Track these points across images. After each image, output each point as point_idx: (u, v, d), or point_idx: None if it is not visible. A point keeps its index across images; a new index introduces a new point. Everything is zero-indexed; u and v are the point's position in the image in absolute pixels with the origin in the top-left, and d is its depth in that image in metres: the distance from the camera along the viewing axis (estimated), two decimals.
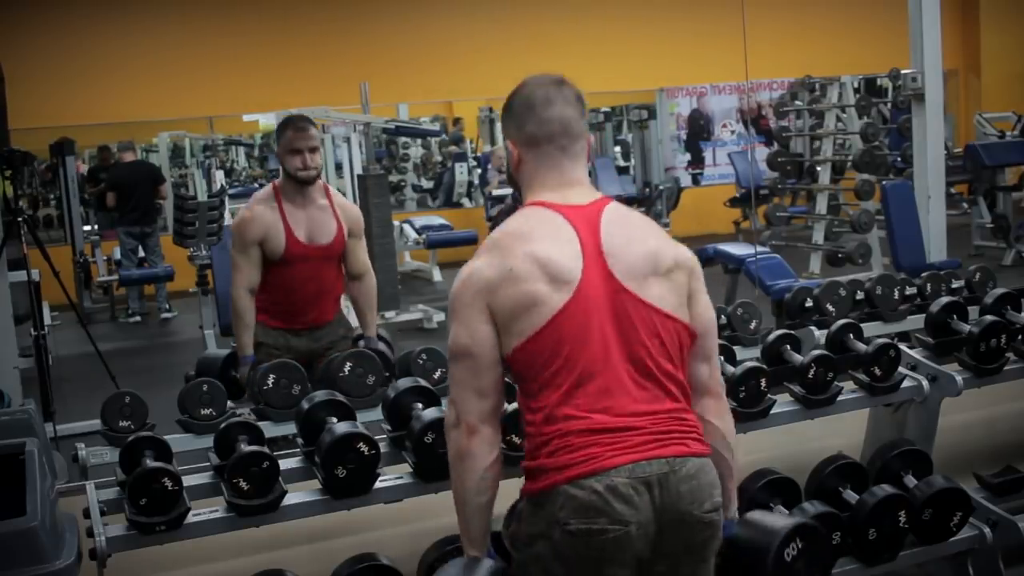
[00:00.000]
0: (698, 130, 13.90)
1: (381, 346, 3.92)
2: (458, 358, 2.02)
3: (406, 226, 10.90)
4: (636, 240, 2.06)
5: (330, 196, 3.99)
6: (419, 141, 14.02)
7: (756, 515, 2.26)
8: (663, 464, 1.93)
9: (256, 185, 12.42)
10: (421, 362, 3.57)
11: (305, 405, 2.77)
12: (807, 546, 2.14)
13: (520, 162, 2.14)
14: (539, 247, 2.00)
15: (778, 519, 2.21)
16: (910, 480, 3.08)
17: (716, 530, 2.00)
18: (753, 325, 4.08)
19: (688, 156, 13.92)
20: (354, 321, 4.19)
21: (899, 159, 9.23)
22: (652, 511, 1.91)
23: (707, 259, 7.16)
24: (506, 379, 2.05)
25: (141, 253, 9.79)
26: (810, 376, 3.07)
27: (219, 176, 12.75)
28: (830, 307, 4.21)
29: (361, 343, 3.97)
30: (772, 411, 3.04)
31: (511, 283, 1.97)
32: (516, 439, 2.52)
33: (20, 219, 5.36)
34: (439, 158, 14.57)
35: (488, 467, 2.00)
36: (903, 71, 7.03)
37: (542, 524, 1.94)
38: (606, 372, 1.96)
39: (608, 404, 1.95)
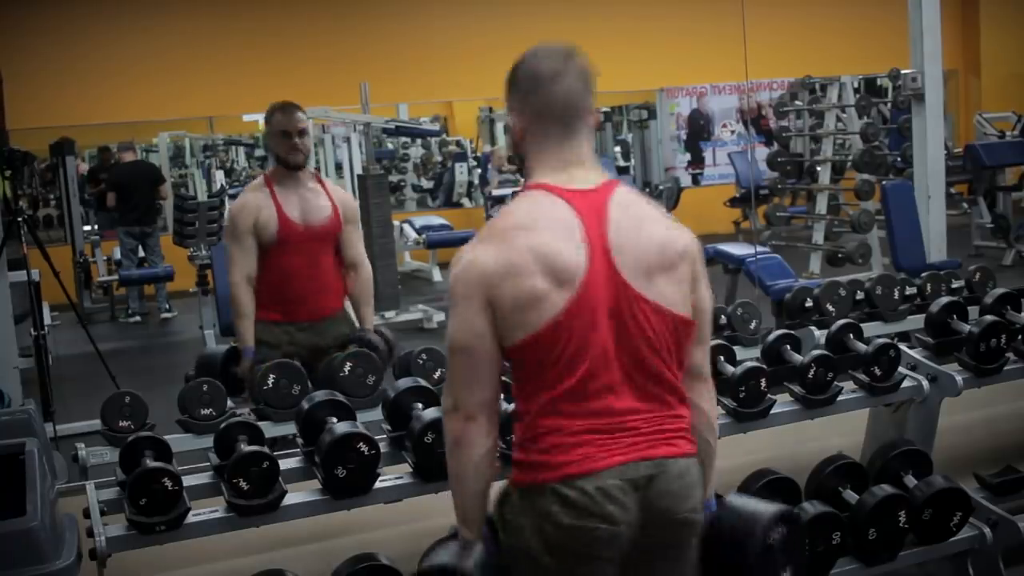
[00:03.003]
0: (698, 130, 13.90)
1: (376, 338, 3.86)
2: (456, 352, 1.99)
3: (406, 226, 10.89)
4: (644, 231, 2.00)
5: (322, 182, 4.01)
6: (419, 141, 14.03)
7: (738, 500, 2.26)
8: (651, 466, 1.95)
9: None
10: (421, 362, 3.58)
11: (305, 405, 2.77)
12: (789, 533, 2.14)
13: (523, 136, 2.06)
14: (542, 239, 1.94)
15: (760, 504, 2.20)
16: (910, 480, 3.08)
17: (695, 528, 2.04)
18: (753, 325, 4.08)
19: (688, 156, 13.91)
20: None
21: (899, 159, 9.23)
22: (642, 512, 1.94)
23: (707, 259, 7.14)
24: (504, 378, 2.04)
25: (141, 253, 9.79)
26: (810, 376, 3.07)
27: (219, 176, 12.78)
28: (830, 307, 4.21)
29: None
30: (772, 411, 3.04)
31: (512, 278, 1.92)
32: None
33: (20, 219, 5.36)
34: (439, 158, 14.59)
35: (484, 455, 1.99)
36: (903, 71, 7.03)
37: (533, 516, 1.95)
38: (604, 372, 1.95)
39: (604, 405, 1.95)
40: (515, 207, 2.04)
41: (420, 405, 2.75)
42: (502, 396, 2.06)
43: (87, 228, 10.96)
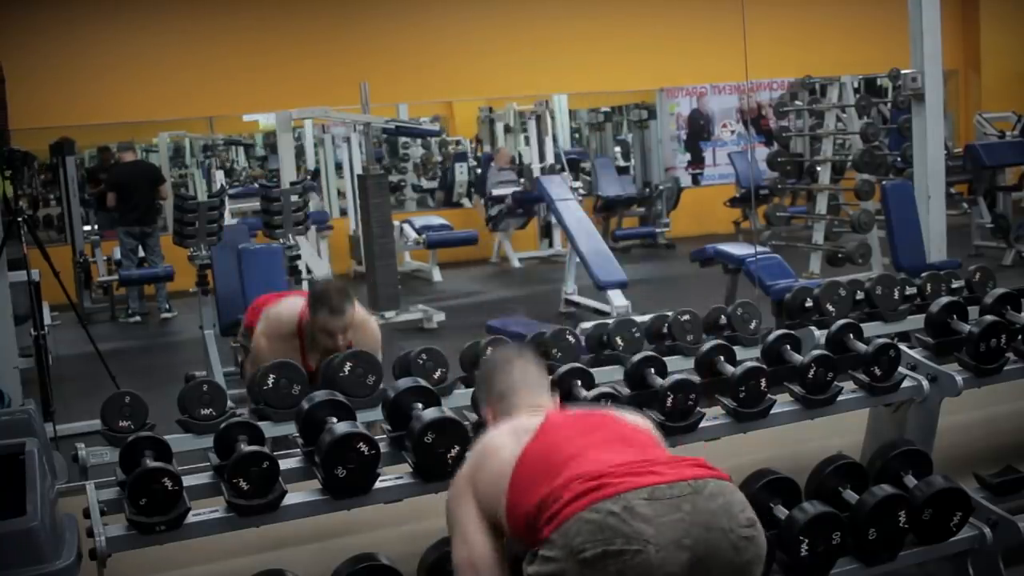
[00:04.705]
0: (698, 130, 13.89)
1: None
2: (462, 572, 2.12)
3: (406, 226, 10.89)
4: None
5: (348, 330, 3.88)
6: (419, 141, 14.02)
7: None
8: (685, 486, 1.87)
9: (256, 185, 12.40)
10: (421, 362, 3.57)
11: (305, 405, 2.77)
12: None
13: (494, 420, 2.38)
14: (508, 425, 2.25)
15: None
16: (910, 480, 3.08)
17: (759, 548, 1.90)
18: (753, 325, 4.08)
19: (688, 156, 13.90)
20: None
21: (899, 159, 9.22)
22: (682, 533, 1.81)
23: (707, 259, 7.17)
24: None
25: (141, 253, 9.78)
26: (810, 376, 3.07)
27: (219, 176, 12.78)
28: (830, 307, 4.20)
29: None
30: (772, 411, 3.04)
31: (485, 460, 2.17)
32: None
33: (20, 219, 5.36)
34: (439, 158, 14.57)
35: None
36: (903, 71, 7.02)
37: (558, 561, 1.86)
38: (594, 449, 2.03)
39: (608, 459, 1.98)
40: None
41: (420, 405, 2.74)
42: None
43: (87, 228, 10.95)
